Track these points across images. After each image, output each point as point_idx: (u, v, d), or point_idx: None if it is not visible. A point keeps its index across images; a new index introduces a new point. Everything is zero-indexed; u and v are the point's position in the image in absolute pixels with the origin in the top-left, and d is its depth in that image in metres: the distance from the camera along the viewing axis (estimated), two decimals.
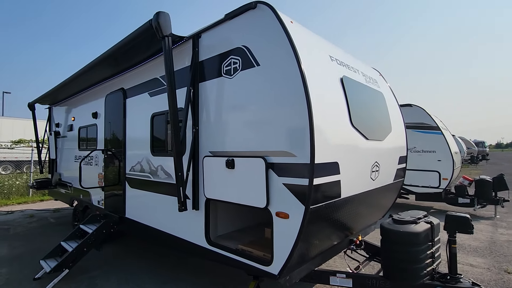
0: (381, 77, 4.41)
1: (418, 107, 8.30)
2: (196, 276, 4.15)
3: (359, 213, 3.45)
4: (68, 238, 4.61)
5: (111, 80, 5.05)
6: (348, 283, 2.91)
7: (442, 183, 7.80)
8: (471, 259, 4.92)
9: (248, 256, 2.78)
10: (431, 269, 2.75)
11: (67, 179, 6.80)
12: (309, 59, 2.54)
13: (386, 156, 3.54)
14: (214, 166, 2.98)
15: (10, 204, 9.65)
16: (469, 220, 2.66)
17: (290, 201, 2.37)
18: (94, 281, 4.07)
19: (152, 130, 4.01)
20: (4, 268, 4.53)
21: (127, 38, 3.39)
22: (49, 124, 7.95)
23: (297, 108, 2.31)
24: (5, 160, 17.44)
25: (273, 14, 2.51)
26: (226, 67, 2.92)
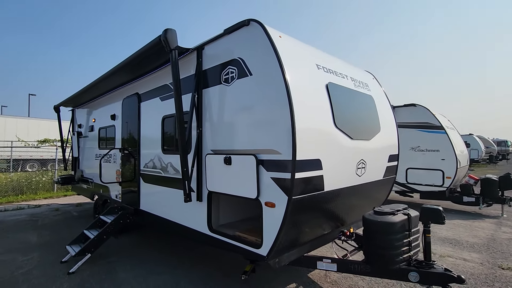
0: (375, 80, 4.69)
1: (422, 107, 8.43)
2: (204, 264, 4.60)
3: (348, 206, 3.78)
4: (90, 227, 5.18)
5: (127, 85, 5.57)
6: (333, 267, 3.26)
7: (446, 182, 7.92)
8: (465, 254, 5.11)
9: (243, 241, 3.18)
10: (408, 256, 3.05)
11: (89, 175, 7.43)
12: (295, 68, 2.91)
13: (373, 154, 3.85)
14: (215, 163, 3.39)
15: (37, 199, 10.48)
16: (441, 212, 2.94)
17: (276, 192, 2.75)
18: (112, 265, 4.59)
19: (163, 130, 4.48)
20: (35, 252, 5.14)
21: (140, 50, 3.87)
22: (72, 125, 8.64)
23: (281, 112, 2.69)
24: (31, 158, 18.67)
25: (263, 31, 2.90)
26: (225, 76, 3.33)
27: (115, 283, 3.98)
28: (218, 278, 4.09)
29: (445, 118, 9.58)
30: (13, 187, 10.69)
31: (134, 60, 4.17)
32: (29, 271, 4.37)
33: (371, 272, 3.13)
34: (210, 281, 4.01)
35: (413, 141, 8.49)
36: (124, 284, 3.96)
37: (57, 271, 4.37)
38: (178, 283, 3.97)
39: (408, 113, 8.66)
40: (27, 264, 4.65)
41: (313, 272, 4.25)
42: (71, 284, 3.95)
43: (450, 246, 5.54)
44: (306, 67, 3.16)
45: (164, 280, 4.07)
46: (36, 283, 4.00)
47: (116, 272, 4.34)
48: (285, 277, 4.11)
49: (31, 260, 4.79)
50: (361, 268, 3.15)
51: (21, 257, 4.92)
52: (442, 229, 6.61)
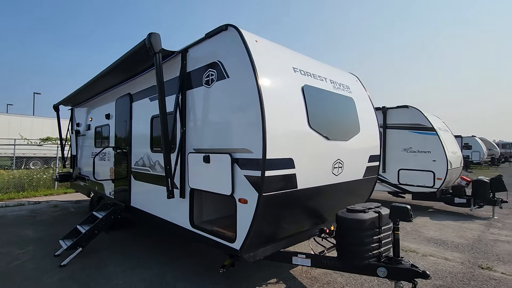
0: (358, 82, 4.82)
1: (414, 109, 8.51)
2: (190, 259, 4.76)
3: (327, 204, 3.91)
4: (83, 222, 5.38)
5: (120, 86, 5.76)
6: (307, 262, 3.40)
7: (437, 183, 7.99)
8: (448, 254, 5.20)
9: (221, 236, 3.33)
10: (378, 252, 3.17)
11: (86, 173, 7.64)
12: (269, 72, 3.06)
13: (351, 155, 3.97)
14: (196, 161, 3.55)
15: (38, 196, 10.74)
16: (409, 210, 3.05)
17: (249, 189, 2.90)
18: (103, 259, 4.77)
19: (152, 130, 4.65)
20: (31, 246, 5.34)
21: (128, 53, 4.04)
22: (71, 123, 8.87)
23: (253, 113, 2.84)
24: (35, 156, 19.03)
25: (239, 36, 3.05)
26: (206, 78, 3.48)
27: (104, 276, 4.15)
28: (202, 272, 4.25)
29: (439, 119, 9.64)
30: (14, 184, 10.96)
31: (122, 63, 4.35)
32: (24, 263, 4.56)
33: (342, 267, 3.26)
34: (194, 275, 4.17)
35: (405, 142, 8.58)
36: (112, 277, 4.14)
37: (50, 263, 4.56)
38: (164, 277, 4.13)
39: (400, 114, 8.75)
40: (23, 256, 4.85)
41: (294, 269, 4.38)
42: (62, 276, 4.14)
43: (435, 246, 5.63)
44: (282, 70, 3.30)
45: (151, 274, 4.23)
46: (29, 274, 4.19)
47: (106, 265, 4.52)
48: (266, 273, 4.25)
49: (27, 253, 5.00)
50: (333, 263, 3.28)
51: (18, 250, 5.13)
52: (430, 230, 6.71)
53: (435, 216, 8.00)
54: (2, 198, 9.89)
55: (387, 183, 8.92)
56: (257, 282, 3.99)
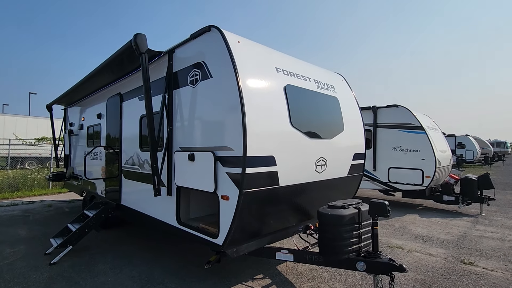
0: (344, 82, 4.91)
1: (404, 108, 8.63)
2: (178, 256, 4.85)
3: (311, 201, 4.00)
4: (74, 221, 5.44)
5: (111, 85, 5.82)
6: (290, 257, 3.49)
7: (425, 181, 8.12)
8: (432, 249, 5.32)
9: (205, 232, 3.42)
10: (358, 247, 3.27)
11: (78, 172, 7.69)
12: (250, 72, 3.15)
13: (334, 153, 4.07)
14: (182, 159, 3.63)
15: (32, 196, 10.75)
16: (386, 206, 3.14)
17: (230, 186, 2.99)
18: (93, 256, 4.84)
19: (141, 129, 4.72)
20: (22, 245, 5.39)
21: (116, 54, 4.11)
22: (65, 123, 8.90)
23: (234, 112, 2.93)
24: (30, 156, 18.98)
25: (221, 37, 3.13)
26: (191, 78, 3.56)
27: (93, 273, 4.22)
28: (190, 269, 4.33)
29: (430, 118, 9.78)
30: (9, 184, 10.98)
31: (111, 63, 4.42)
32: (14, 262, 4.62)
33: (323, 262, 3.35)
34: (182, 271, 4.25)
35: (395, 141, 8.70)
36: (101, 274, 4.20)
37: (40, 262, 4.61)
38: (152, 274, 4.20)
39: (390, 113, 8.87)
40: (13, 255, 4.90)
41: (281, 265, 4.48)
42: (51, 274, 4.20)
43: (421, 242, 5.75)
44: (264, 71, 3.39)
45: (140, 270, 4.30)
46: (18, 272, 4.24)
47: (96, 263, 4.58)
48: (253, 269, 4.34)
49: (17, 252, 5.04)
50: (314, 258, 3.37)
51: (8, 249, 5.17)
52: (418, 227, 6.83)
53: (424, 214, 8.13)
54: None
55: (377, 181, 9.04)
56: (244, 278, 4.08)
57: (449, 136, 23.63)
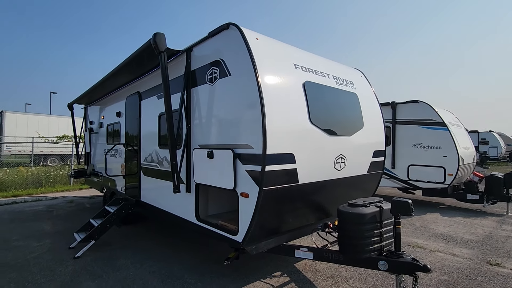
0: (363, 78, 4.80)
1: (425, 103, 8.36)
2: (197, 252, 4.91)
3: (330, 199, 3.95)
4: (96, 216, 5.60)
5: (130, 84, 5.93)
6: (309, 255, 3.46)
7: (447, 179, 7.85)
8: (456, 250, 5.14)
9: (224, 229, 3.43)
10: (379, 246, 3.20)
11: (99, 169, 7.91)
12: (269, 69, 3.12)
13: (354, 150, 3.98)
14: (201, 157, 3.65)
15: (55, 191, 11.17)
16: (410, 205, 3.05)
17: (250, 183, 2.98)
18: (114, 251, 4.97)
19: (160, 127, 4.79)
20: (47, 239, 5.61)
21: (135, 53, 4.17)
22: (85, 121, 9.17)
23: (254, 110, 2.91)
24: (52, 153, 19.72)
25: (240, 34, 3.11)
26: (209, 76, 3.57)
27: (114, 267, 4.33)
28: (208, 265, 4.37)
29: (452, 114, 9.44)
30: (33, 180, 11.44)
31: (130, 62, 4.49)
32: (40, 255, 4.81)
33: (343, 260, 3.31)
34: (201, 267, 4.30)
35: (415, 138, 8.45)
36: (123, 268, 4.31)
37: (65, 255, 4.78)
38: (172, 269, 4.28)
39: (410, 109, 8.62)
40: (39, 249, 5.10)
41: (299, 263, 4.45)
42: (76, 267, 4.34)
43: (444, 242, 5.57)
44: (283, 67, 3.35)
45: (159, 266, 4.39)
46: (45, 265, 4.41)
47: (117, 258, 4.70)
48: (272, 266, 4.34)
49: (43, 246, 5.25)
50: (334, 256, 3.33)
51: (35, 243, 5.39)
52: (440, 226, 6.62)
53: (446, 213, 7.88)
54: (22, 194, 10.34)
55: (396, 179, 8.83)
56: (262, 275, 4.08)
57: (471, 132, 22.72)
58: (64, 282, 3.90)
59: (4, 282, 3.88)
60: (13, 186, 10.79)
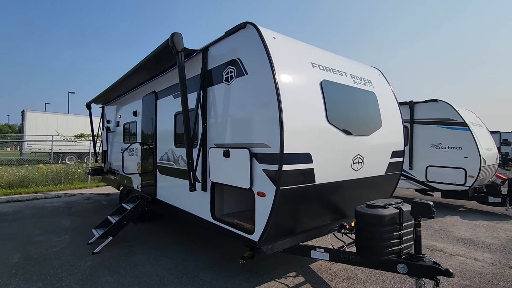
0: (381, 77, 4.70)
1: (444, 103, 8.10)
2: (211, 250, 4.94)
3: (347, 199, 3.89)
4: (113, 213, 5.72)
5: (146, 84, 6.02)
6: (326, 256, 3.41)
7: (468, 181, 7.59)
8: (478, 254, 4.97)
9: (240, 228, 3.43)
10: (398, 249, 3.12)
11: (115, 167, 8.08)
12: (286, 68, 3.09)
13: (372, 150, 3.90)
14: (217, 156, 3.66)
15: (73, 188, 11.51)
16: (431, 207, 2.96)
17: (266, 183, 2.97)
18: (131, 248, 5.06)
19: (175, 126, 4.84)
20: (67, 235, 5.78)
21: (152, 53, 4.23)
22: (102, 121, 9.38)
23: (271, 109, 2.90)
24: (70, 152, 20.33)
25: (257, 33, 3.10)
26: (226, 75, 3.58)
27: (131, 264, 4.41)
28: (223, 263, 4.39)
29: (473, 114, 9.13)
30: (52, 178, 11.82)
31: (148, 62, 4.56)
32: (61, 250, 4.95)
33: (361, 262, 3.24)
34: (216, 265, 4.32)
35: (434, 138, 8.21)
36: (139, 265, 4.39)
37: (84, 251, 4.91)
38: (187, 266, 4.32)
39: (429, 109, 8.38)
40: (59, 244, 5.26)
41: (314, 263, 4.41)
42: (94, 262, 4.45)
43: (464, 245, 5.39)
44: (300, 66, 3.32)
45: (175, 263, 4.44)
46: (65, 260, 4.55)
47: (134, 254, 4.79)
48: (286, 266, 4.32)
49: (63, 241, 5.41)
50: (351, 258, 3.27)
51: (55, 238, 5.56)
52: (460, 229, 6.41)
53: (466, 216, 7.62)
54: (42, 190, 10.70)
55: (414, 180, 8.60)
56: (277, 274, 4.06)
57: (493, 132, 21.90)
58: (84, 276, 4.00)
59: (27, 275, 4.02)
60: (33, 182, 11.18)
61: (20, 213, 7.57)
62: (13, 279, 3.93)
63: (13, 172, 11.46)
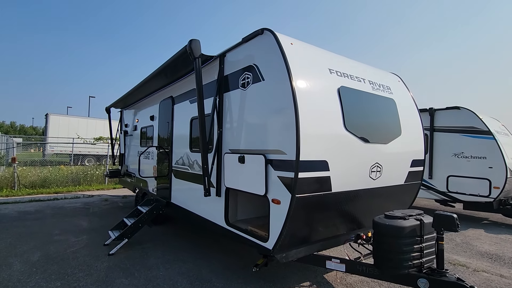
0: (401, 83, 4.58)
1: (467, 110, 7.79)
2: (223, 255, 4.90)
3: (364, 209, 3.77)
4: (129, 215, 5.81)
5: (164, 89, 6.14)
6: (342, 267, 3.31)
7: (493, 192, 7.22)
8: (504, 271, 4.70)
9: (254, 235, 3.39)
10: (419, 263, 2.98)
11: (132, 170, 8.24)
12: (304, 74, 3.06)
13: (391, 158, 3.78)
14: (232, 161, 3.65)
15: (91, 190, 11.83)
16: (455, 219, 2.82)
17: (282, 190, 2.92)
18: (145, 250, 5.11)
19: (191, 130, 4.88)
20: (84, 235, 5.91)
21: (170, 59, 4.31)
22: (120, 124, 9.62)
23: (287, 115, 2.86)
24: (89, 154, 20.98)
25: (274, 39, 3.09)
26: (242, 81, 3.58)
27: (146, 267, 4.45)
28: (235, 269, 4.35)
29: (498, 122, 8.73)
30: (72, 179, 12.20)
31: (166, 68, 4.64)
32: (78, 250, 5.07)
33: (379, 275, 3.12)
34: (228, 271, 4.28)
35: (456, 146, 7.90)
36: (153, 268, 4.42)
37: (100, 252, 5.00)
38: (200, 271, 4.31)
39: (450, 116, 8.08)
40: (77, 244, 5.39)
41: (328, 274, 4.29)
42: (110, 264, 4.52)
43: (489, 261, 5.12)
44: (317, 72, 3.27)
45: (188, 268, 4.44)
46: (82, 260, 4.64)
47: (148, 257, 4.83)
48: (300, 275, 4.22)
49: (81, 241, 5.54)
50: (369, 270, 3.15)
51: (73, 238, 5.70)
52: (485, 243, 6.10)
53: (491, 229, 7.25)
54: (62, 191, 11.05)
55: (434, 190, 8.29)
56: (290, 283, 3.98)
57: None
58: (100, 277, 4.06)
59: (46, 274, 4.13)
60: (54, 183, 11.57)
61: (41, 212, 7.83)
62: (33, 277, 4.04)
63: (36, 173, 11.92)
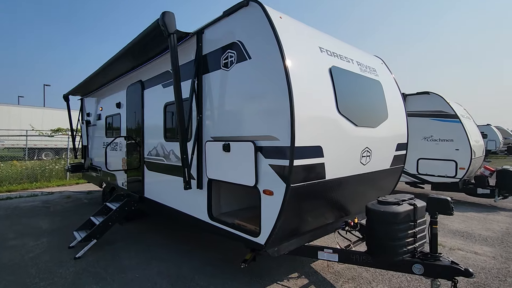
0: (384, 66, 4.49)
1: (436, 95, 8.09)
2: (205, 251, 4.61)
3: (352, 195, 3.67)
4: (96, 213, 5.26)
5: (131, 72, 5.54)
6: (334, 257, 3.18)
7: (459, 173, 7.64)
8: (477, 248, 4.93)
9: (242, 229, 3.13)
10: (413, 248, 2.93)
11: (97, 163, 7.54)
12: (295, 52, 2.78)
13: (379, 143, 3.69)
14: (214, 150, 3.33)
15: (50, 186, 10.78)
16: (449, 203, 2.79)
17: (274, 180, 2.67)
18: (118, 250, 4.66)
19: (165, 118, 4.44)
20: (45, 238, 5.27)
21: (139, 36, 3.79)
22: (81, 114, 8.75)
23: (280, 98, 2.58)
24: (46, 147, 19.22)
25: (262, 11, 2.76)
26: (224, 60, 3.22)
27: (119, 269, 4.03)
28: (219, 264, 4.09)
29: (461, 107, 9.20)
30: (27, 175, 11.01)
31: (134, 47, 4.11)
32: (38, 256, 4.48)
33: (373, 263, 3.04)
34: (211, 267, 4.01)
35: (426, 130, 8.20)
36: (128, 270, 4.01)
37: (64, 256, 4.45)
38: (180, 269, 3.99)
39: (421, 101, 8.34)
40: (37, 248, 4.77)
41: (315, 263, 4.19)
42: (77, 269, 4.03)
43: (461, 239, 5.36)
44: (308, 50, 3.02)
45: (167, 266, 4.09)
46: (43, 267, 4.09)
47: (121, 258, 4.39)
48: (287, 267, 4.07)
49: (41, 245, 4.92)
50: (363, 259, 3.06)
51: (32, 242, 5.05)
52: (454, 222, 6.41)
53: (456, 207, 7.55)
54: (16, 189, 9.94)
55: (405, 173, 8.58)
56: (278, 276, 3.81)
57: None
58: (66, 285, 3.60)
59: (1, 286, 3.56)
60: (7, 181, 10.37)
61: None
62: None
63: None
